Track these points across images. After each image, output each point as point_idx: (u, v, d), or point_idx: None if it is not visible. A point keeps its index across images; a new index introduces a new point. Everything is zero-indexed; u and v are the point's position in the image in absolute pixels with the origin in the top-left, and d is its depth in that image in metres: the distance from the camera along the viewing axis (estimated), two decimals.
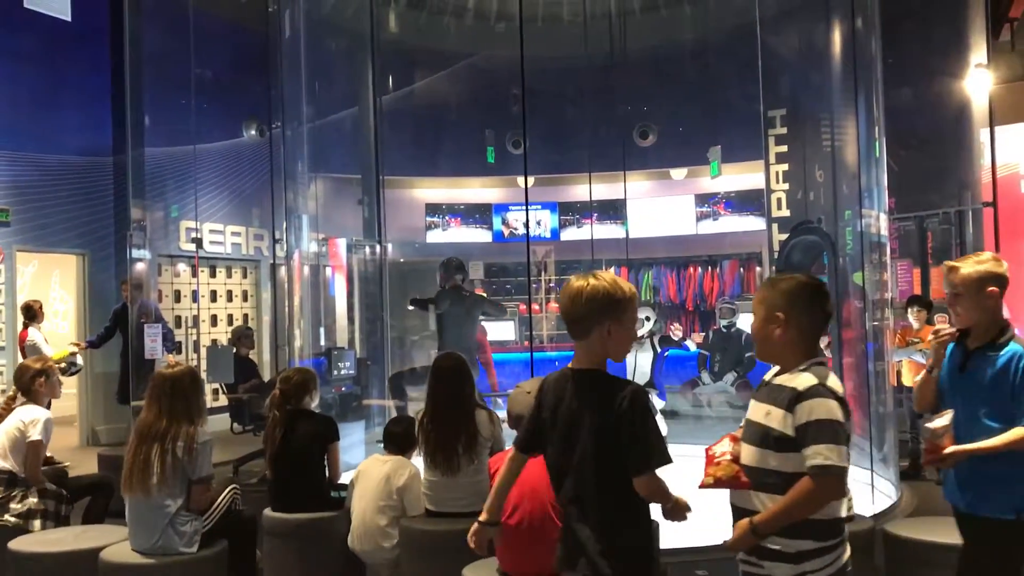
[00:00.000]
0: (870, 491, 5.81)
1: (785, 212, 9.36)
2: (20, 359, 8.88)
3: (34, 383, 4.97)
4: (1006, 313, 3.21)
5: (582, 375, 2.49)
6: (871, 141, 6.81)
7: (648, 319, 8.54)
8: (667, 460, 2.37)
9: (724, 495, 2.53)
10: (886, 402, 6.61)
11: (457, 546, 3.90)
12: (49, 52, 10.18)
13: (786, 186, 9.41)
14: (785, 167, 9.43)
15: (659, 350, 8.40)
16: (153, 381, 4.10)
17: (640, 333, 8.20)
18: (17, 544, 4.24)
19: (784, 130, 9.39)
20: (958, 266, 3.11)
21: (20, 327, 9.00)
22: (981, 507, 3.01)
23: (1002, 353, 3.01)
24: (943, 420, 3.05)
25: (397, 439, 4.58)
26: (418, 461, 4.49)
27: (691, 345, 8.96)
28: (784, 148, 9.41)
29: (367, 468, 4.49)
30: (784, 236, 8.66)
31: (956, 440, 3.01)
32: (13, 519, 4.61)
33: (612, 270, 12.87)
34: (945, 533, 4.00)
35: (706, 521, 2.57)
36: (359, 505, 4.37)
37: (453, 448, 4.15)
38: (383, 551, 4.29)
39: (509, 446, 3.73)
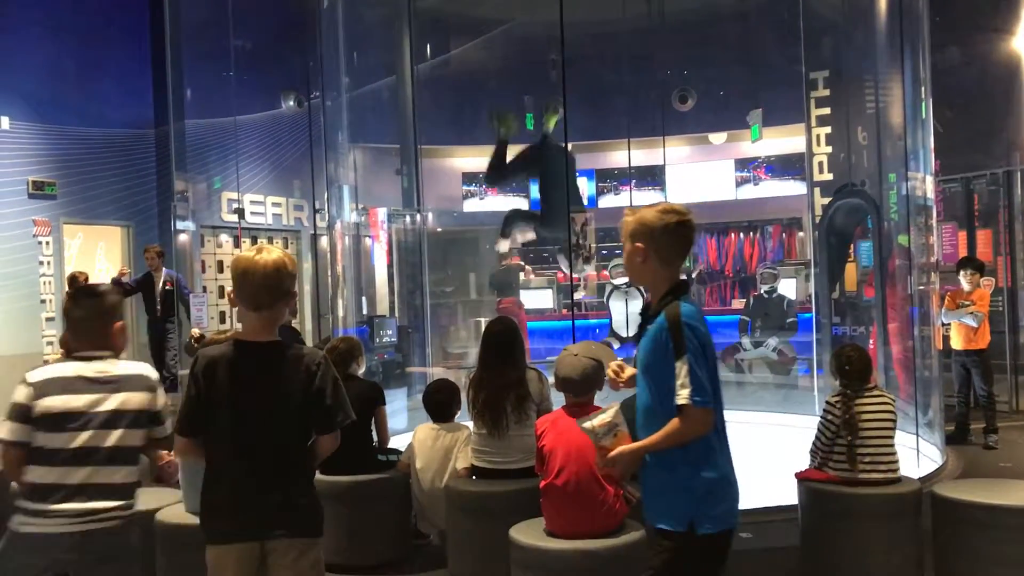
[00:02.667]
0: (915, 455, 5.78)
1: (828, 176, 9.21)
2: None
3: None
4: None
5: (273, 347, 2.61)
6: (917, 102, 6.68)
7: None
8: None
9: (770, 458, 2.52)
10: (932, 367, 6.54)
11: (504, 507, 3.98)
12: (90, 26, 10.29)
13: (828, 149, 9.25)
14: (827, 130, 9.26)
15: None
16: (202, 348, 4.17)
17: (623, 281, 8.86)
18: None
19: (827, 92, 9.20)
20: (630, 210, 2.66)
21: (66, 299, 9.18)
22: (658, 518, 2.52)
23: (651, 327, 2.51)
24: (603, 416, 2.54)
25: (442, 407, 4.72)
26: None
27: None
28: (827, 110, 9.24)
29: (423, 438, 4.62)
30: (826, 200, 8.54)
31: (637, 438, 2.54)
32: None
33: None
34: (992, 494, 3.99)
35: (749, 484, 2.56)
36: (425, 476, 4.55)
37: (501, 407, 4.21)
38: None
39: (556, 408, 3.79)
